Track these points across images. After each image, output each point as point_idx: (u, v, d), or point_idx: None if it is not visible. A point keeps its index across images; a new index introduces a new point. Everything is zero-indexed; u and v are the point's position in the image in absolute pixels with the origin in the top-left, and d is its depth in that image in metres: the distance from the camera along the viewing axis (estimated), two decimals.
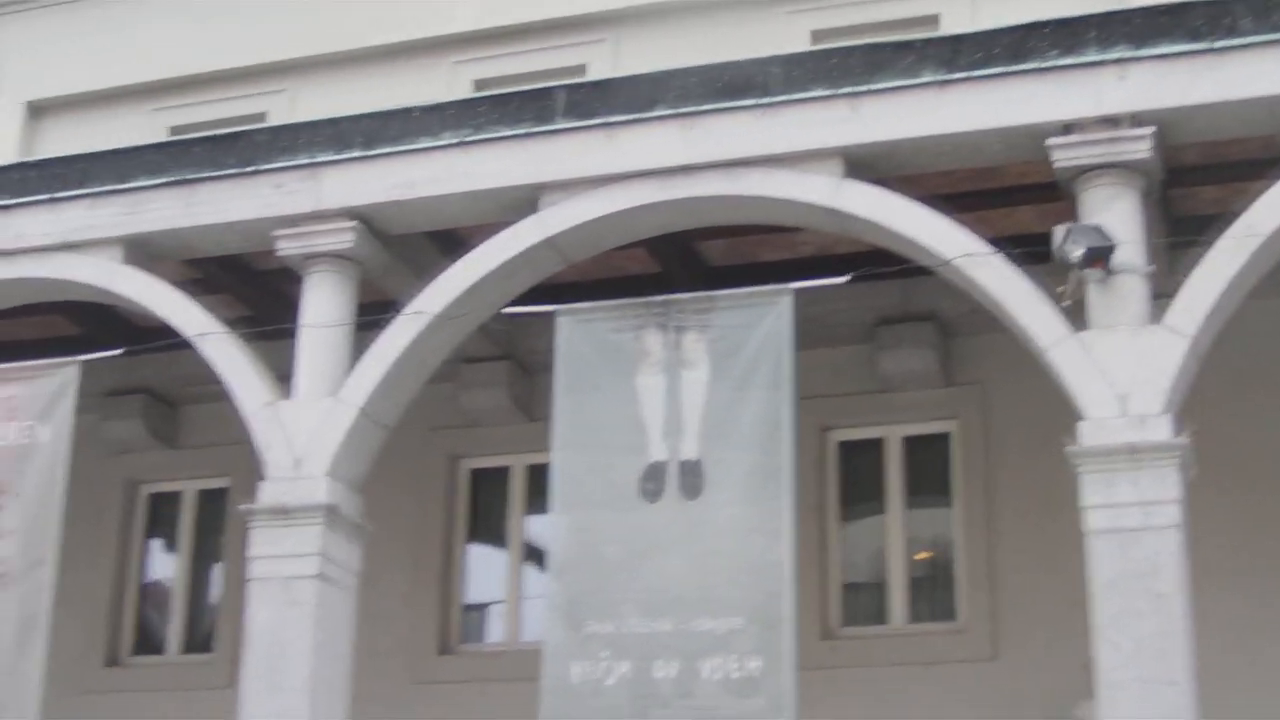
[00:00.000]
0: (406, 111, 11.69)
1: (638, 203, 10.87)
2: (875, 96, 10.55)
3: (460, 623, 13.88)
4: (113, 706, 14.23)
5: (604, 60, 15.83)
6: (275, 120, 15.29)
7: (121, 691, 14.40)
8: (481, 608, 14.15)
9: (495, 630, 14.01)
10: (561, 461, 10.45)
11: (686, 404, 10.31)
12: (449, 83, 16.29)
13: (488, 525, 14.15)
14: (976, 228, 10.27)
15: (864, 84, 10.59)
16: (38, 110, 18.14)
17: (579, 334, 10.65)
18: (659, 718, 9.75)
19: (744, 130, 10.76)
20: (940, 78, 10.45)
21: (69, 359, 11.94)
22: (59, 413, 11.78)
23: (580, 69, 15.75)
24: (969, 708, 12.24)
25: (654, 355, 10.46)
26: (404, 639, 13.58)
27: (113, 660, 14.72)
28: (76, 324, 13.75)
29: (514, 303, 11.34)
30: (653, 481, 10.20)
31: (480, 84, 16.05)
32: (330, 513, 10.79)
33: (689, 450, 10.21)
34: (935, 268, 10.41)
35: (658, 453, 10.26)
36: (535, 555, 13.72)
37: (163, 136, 15.77)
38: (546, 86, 11.52)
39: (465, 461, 14.18)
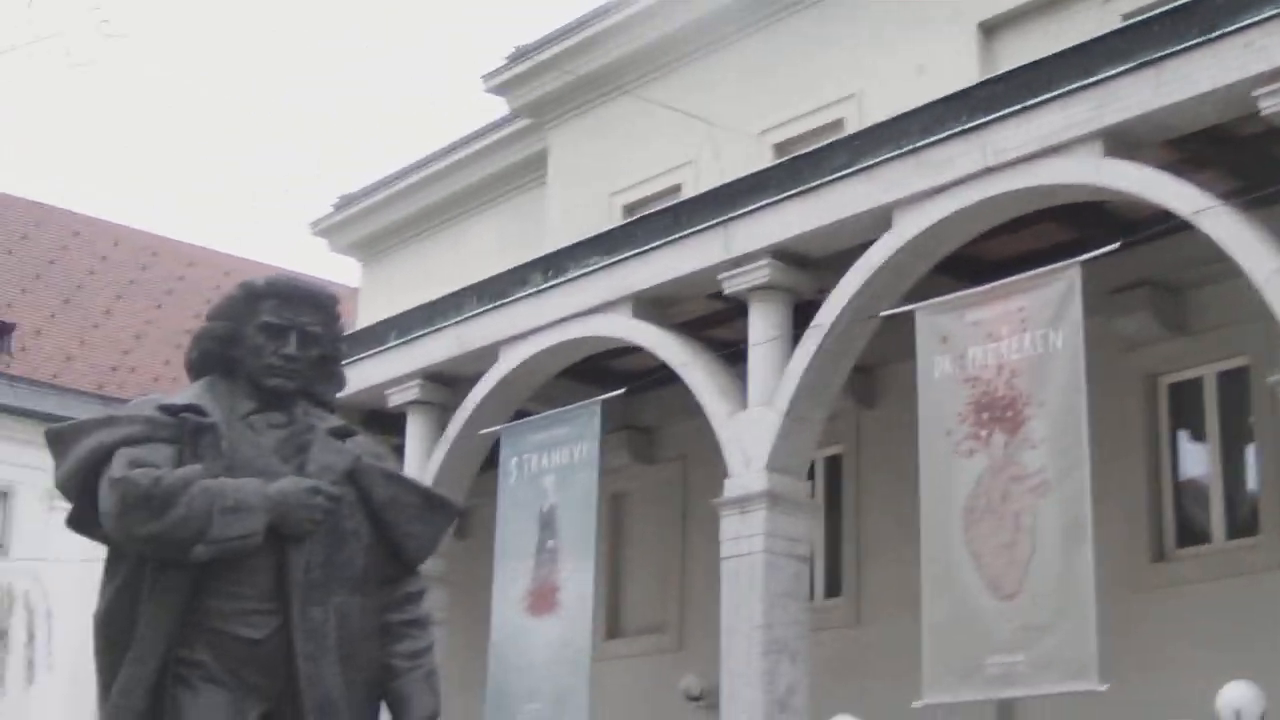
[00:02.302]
0: None
1: None
2: None
3: None
4: (1159, 601, 14.35)
5: None
6: None
7: (1168, 586, 14.50)
8: None
9: None
10: None
11: None
12: None
13: None
14: None
15: None
16: (989, 29, 18.57)
17: None
18: None
19: None
20: None
21: (1068, 262, 12.15)
22: (1068, 316, 12.02)
23: None
24: None
25: None
26: None
27: (1158, 555, 14.81)
28: (1067, 228, 13.97)
29: None
30: None
31: None
32: None
33: None
34: None
35: None
36: None
37: (1115, 24, 15.71)
38: None
39: None
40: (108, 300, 37.24)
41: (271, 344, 5.93)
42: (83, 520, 5.83)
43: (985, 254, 14.29)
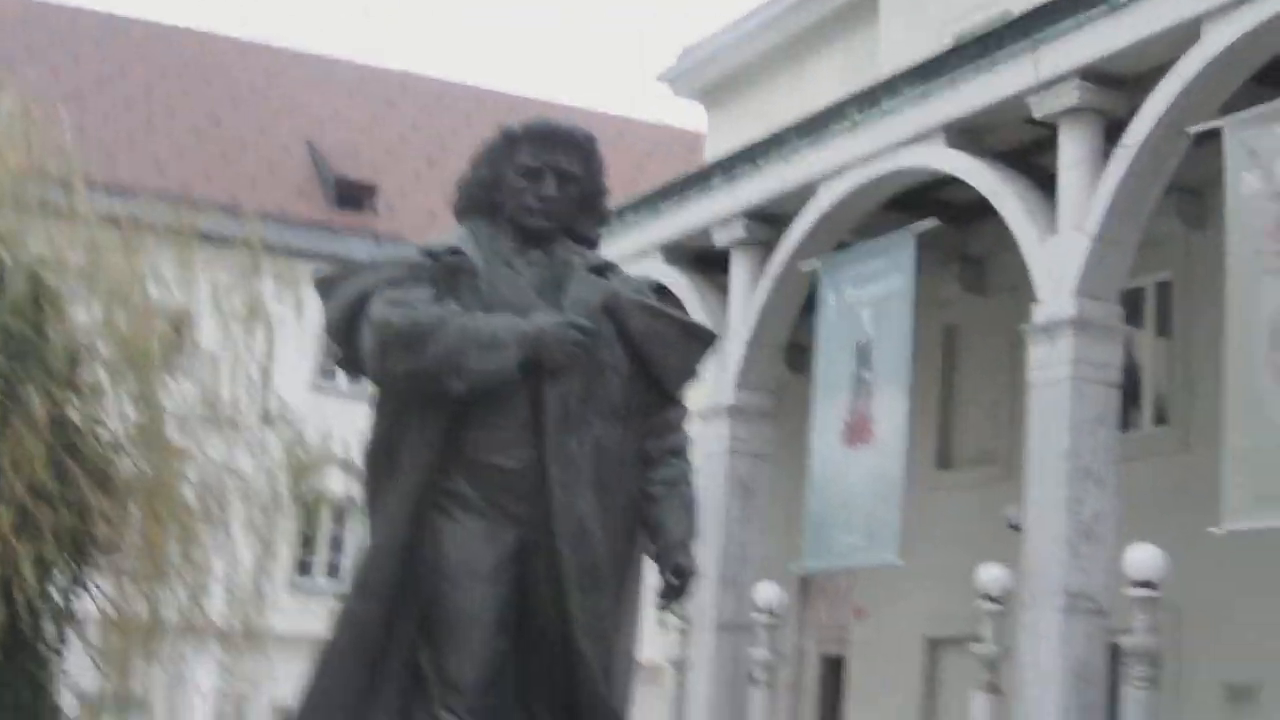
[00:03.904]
0: None
1: None
2: None
3: None
4: None
5: None
6: None
7: None
8: None
9: None
10: None
11: None
12: None
13: None
14: None
15: None
16: None
17: None
18: None
19: None
20: None
21: None
22: None
23: None
24: None
25: None
26: None
27: None
28: None
29: None
30: None
31: None
32: None
33: None
34: None
35: None
36: None
37: None
38: None
39: None
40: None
41: (530, 186, 6.17)
42: (351, 362, 6.15)
43: None
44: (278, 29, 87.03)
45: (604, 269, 6.28)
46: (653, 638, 18.89)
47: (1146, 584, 12.89)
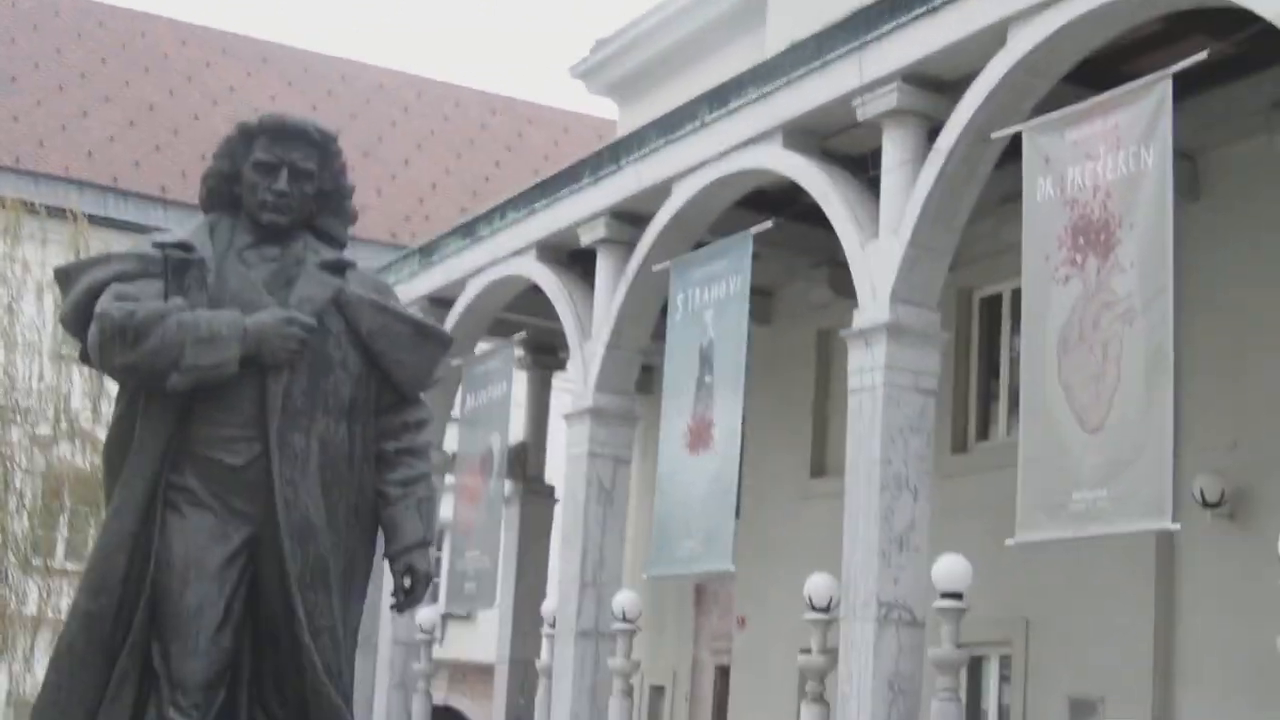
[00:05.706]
0: None
1: None
2: None
3: None
4: None
5: None
6: None
7: None
8: None
9: None
10: None
11: None
12: None
13: None
14: None
15: None
16: None
17: None
18: None
19: None
20: None
21: (1159, 74, 11.65)
22: (1158, 132, 11.56)
23: None
24: None
25: None
26: None
27: None
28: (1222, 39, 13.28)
29: None
30: None
31: None
32: None
33: None
34: None
35: None
36: None
37: None
38: None
39: None
40: (407, 151, 38.47)
41: (264, 180, 6.36)
42: (85, 354, 6.31)
43: (1134, 69, 13.71)
44: (214, 12, 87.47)
45: (338, 266, 6.44)
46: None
47: (953, 594, 12.95)
